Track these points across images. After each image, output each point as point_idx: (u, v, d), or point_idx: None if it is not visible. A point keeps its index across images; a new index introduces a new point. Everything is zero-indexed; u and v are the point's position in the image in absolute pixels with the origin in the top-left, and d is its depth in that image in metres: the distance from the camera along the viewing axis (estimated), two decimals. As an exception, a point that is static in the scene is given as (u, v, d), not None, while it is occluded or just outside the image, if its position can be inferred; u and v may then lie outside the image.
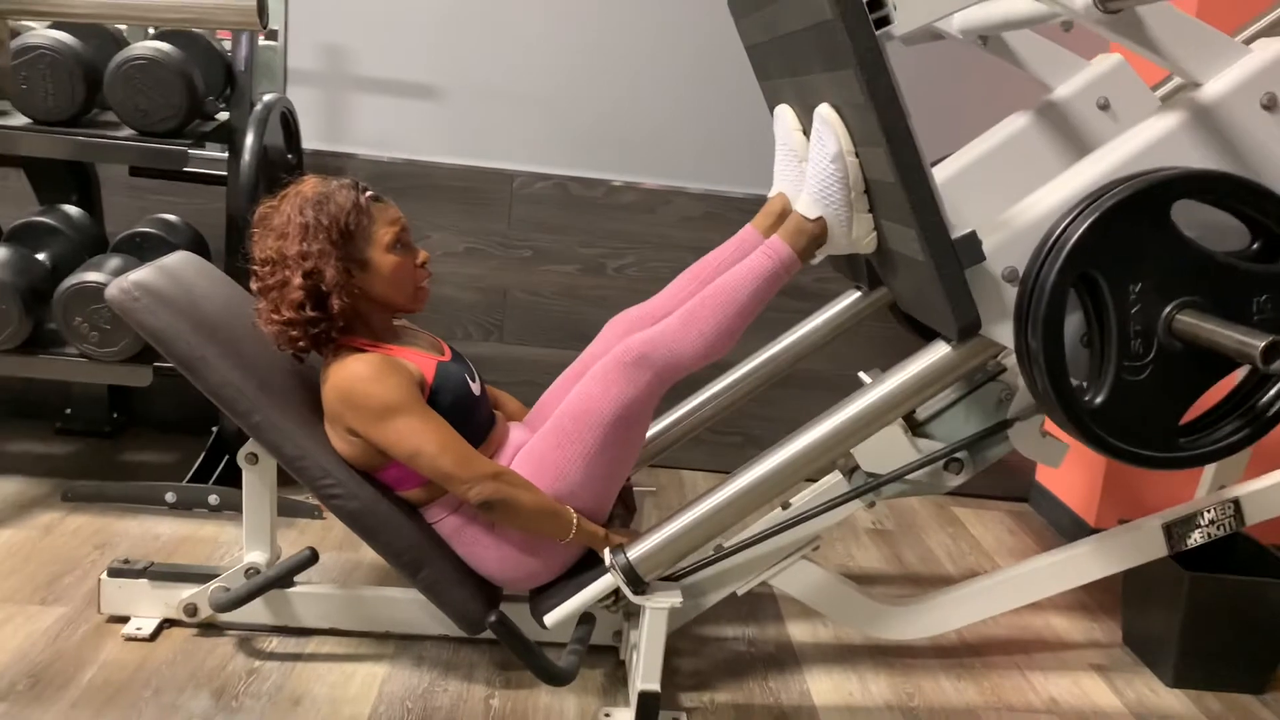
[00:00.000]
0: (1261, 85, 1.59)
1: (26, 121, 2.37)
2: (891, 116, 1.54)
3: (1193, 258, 1.56)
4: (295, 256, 1.72)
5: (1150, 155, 1.61)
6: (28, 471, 2.61)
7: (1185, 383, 1.60)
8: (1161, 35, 1.59)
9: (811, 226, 1.78)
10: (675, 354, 1.77)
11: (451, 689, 1.88)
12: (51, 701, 1.72)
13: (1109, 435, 1.59)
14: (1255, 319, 1.58)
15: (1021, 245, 1.60)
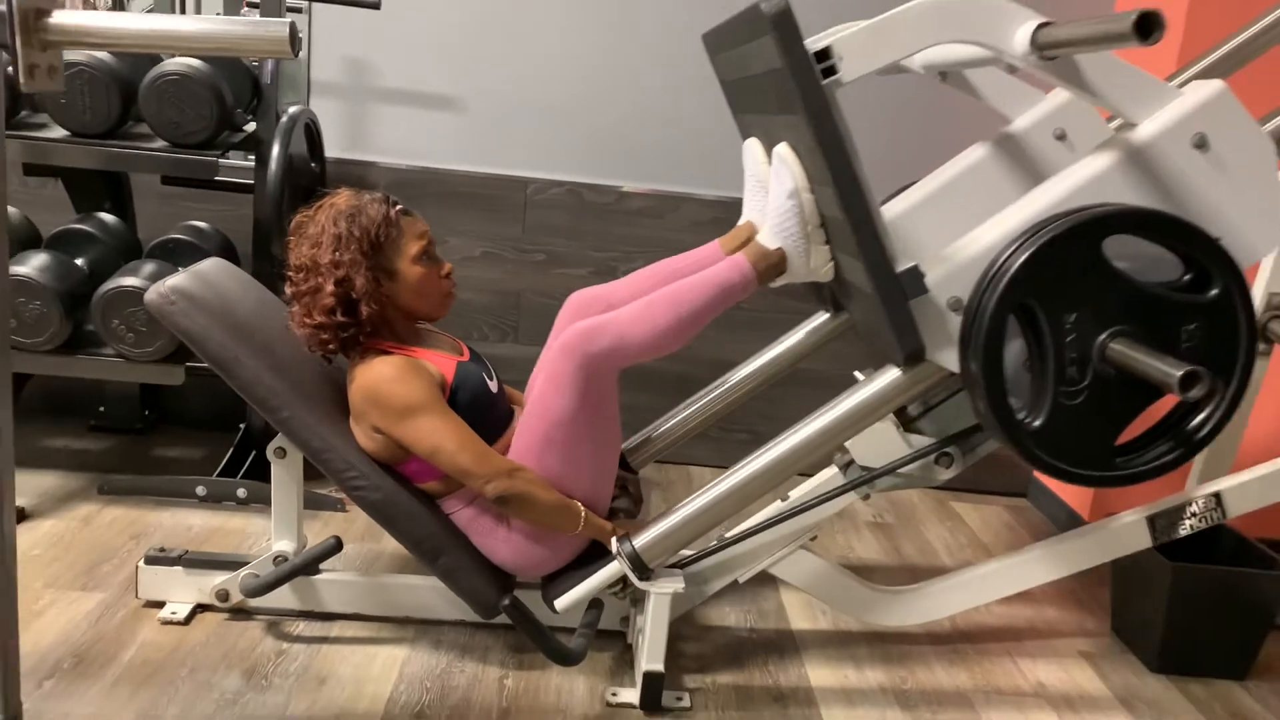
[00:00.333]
0: (1192, 126, 1.67)
1: (65, 133, 2.50)
2: (837, 160, 1.63)
3: (1125, 289, 1.64)
4: (328, 265, 1.83)
5: (1087, 192, 1.69)
6: (65, 466, 2.74)
7: (1120, 407, 1.68)
8: (1097, 80, 1.66)
9: (772, 255, 1.87)
10: (624, 341, 1.82)
11: (468, 670, 1.99)
12: (95, 678, 1.84)
13: (1047, 455, 1.68)
14: (1184, 346, 1.66)
15: (966, 276, 1.68)
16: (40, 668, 1.85)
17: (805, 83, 1.61)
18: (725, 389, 2.31)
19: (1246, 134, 1.69)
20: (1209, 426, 1.71)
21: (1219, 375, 1.69)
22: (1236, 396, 1.71)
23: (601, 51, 3.02)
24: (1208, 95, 1.67)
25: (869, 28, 1.65)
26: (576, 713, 1.88)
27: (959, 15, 1.65)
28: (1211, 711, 2.10)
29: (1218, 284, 1.65)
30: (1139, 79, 1.69)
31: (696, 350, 2.95)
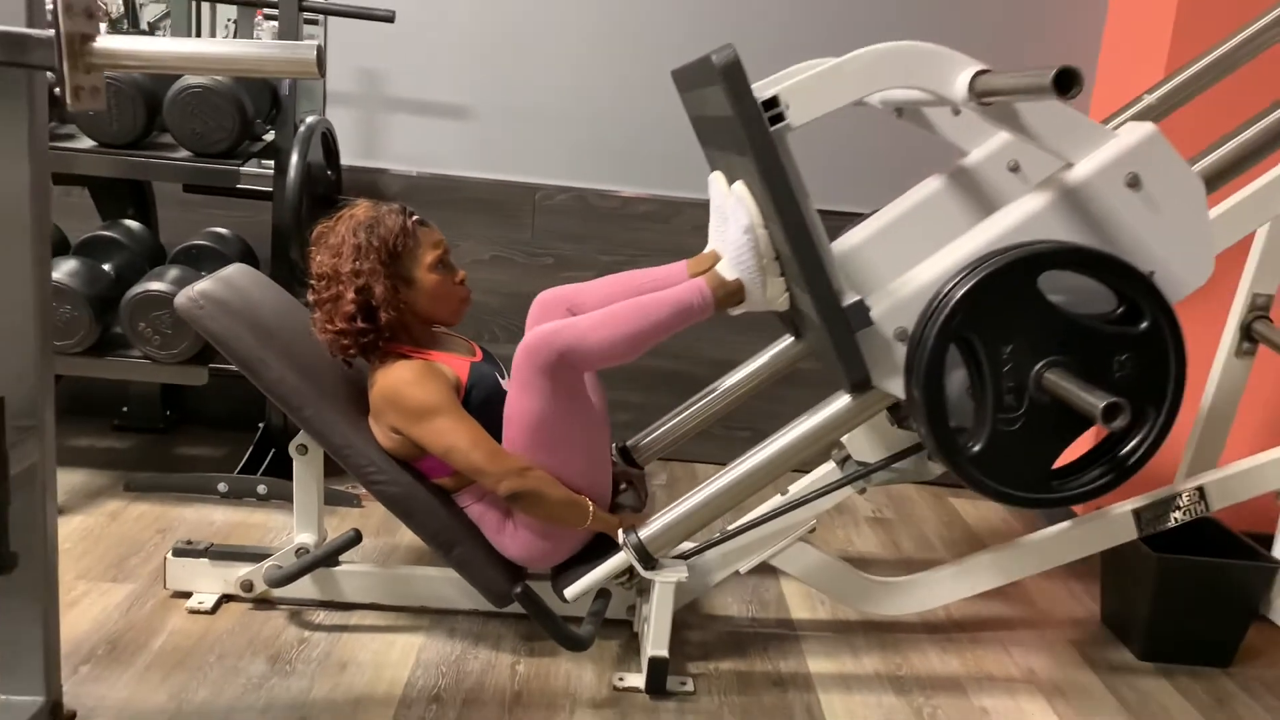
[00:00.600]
0: (1125, 166, 1.75)
1: (92, 144, 2.60)
2: (784, 201, 1.71)
3: (1060, 322, 1.72)
4: (348, 274, 1.93)
5: (1025, 229, 1.77)
6: (91, 464, 2.84)
7: (1055, 433, 1.76)
8: (1034, 123, 1.74)
9: (730, 284, 1.96)
10: (580, 347, 1.89)
11: (481, 656, 2.08)
12: (128, 664, 1.94)
13: (985, 478, 1.77)
14: (1116, 376, 1.75)
15: (910, 308, 1.77)
16: (76, 654, 1.95)
17: (753, 130, 1.68)
18: (727, 388, 2.39)
19: (1177, 174, 1.78)
20: (1140, 453, 1.80)
21: (1150, 404, 1.78)
22: (1167, 424, 1.79)
23: (606, 63, 3.11)
24: (1140, 137, 1.76)
25: (816, 76, 1.72)
26: (585, 697, 1.98)
27: (903, 63, 1.72)
28: (1196, 698, 2.18)
29: (1148, 317, 1.74)
30: (1074, 121, 1.76)
31: (700, 350, 3.07)
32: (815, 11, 3.10)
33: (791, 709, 2.00)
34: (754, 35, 3.08)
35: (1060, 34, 3.14)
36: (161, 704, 1.83)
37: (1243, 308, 2.50)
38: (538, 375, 1.90)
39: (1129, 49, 2.98)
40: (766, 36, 3.09)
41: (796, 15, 3.11)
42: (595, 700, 1.97)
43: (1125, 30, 3.02)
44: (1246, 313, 2.50)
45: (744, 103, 1.68)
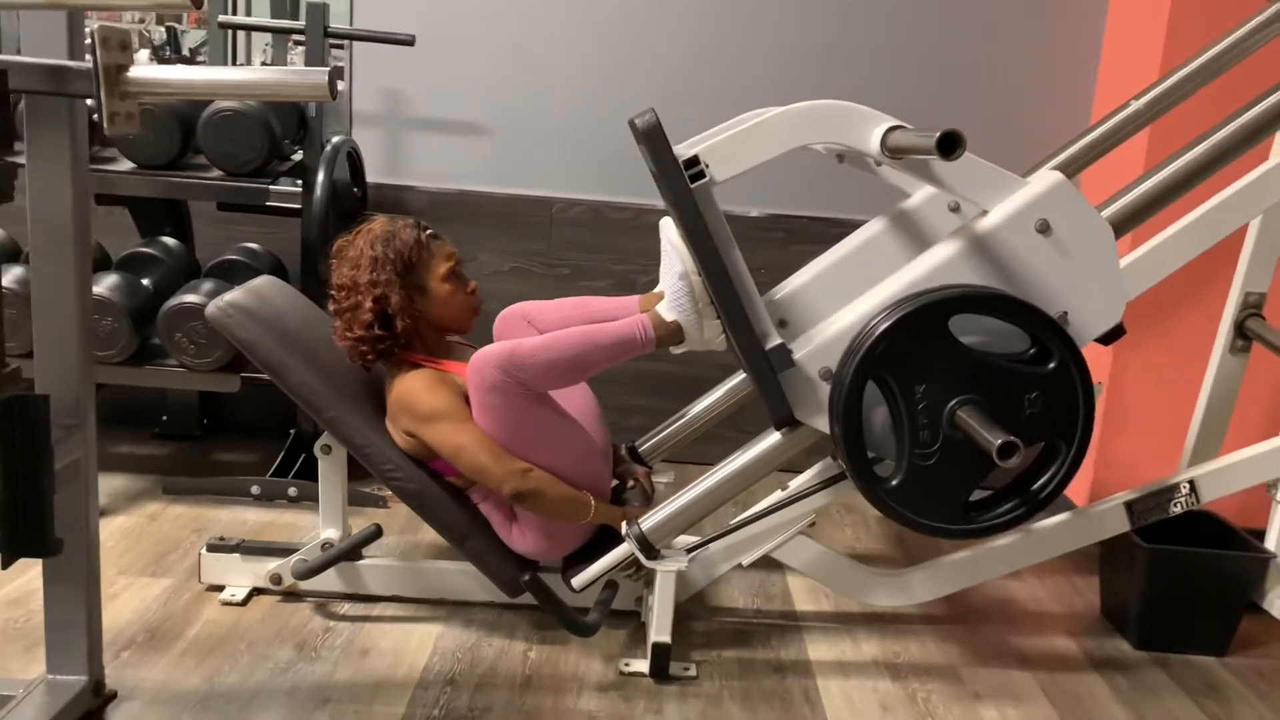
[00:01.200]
0: (1035, 213, 1.86)
1: (131, 166, 2.76)
2: (704, 253, 1.82)
3: (971, 362, 1.81)
4: (366, 285, 2.06)
5: (941, 274, 1.87)
6: (132, 469, 2.99)
7: (969, 467, 1.85)
8: (947, 173, 1.84)
9: (669, 325, 2.06)
10: (522, 369, 1.98)
11: (496, 644, 2.19)
12: (166, 650, 2.08)
13: (906, 510, 1.87)
14: (1027, 413, 1.83)
15: (834, 348, 1.87)
16: (117, 641, 2.08)
17: (673, 188, 1.79)
18: (730, 388, 2.49)
19: (1086, 219, 1.88)
20: (1052, 486, 1.90)
21: (1061, 439, 1.87)
22: (1077, 458, 1.88)
23: (616, 80, 3.23)
24: (1048, 185, 1.86)
25: (734, 136, 1.84)
26: (592, 681, 2.08)
27: (821, 121, 1.84)
28: (1188, 684, 2.25)
29: (1056, 357, 1.83)
30: (984, 171, 1.87)
31: (706, 354, 3.15)
32: (819, 29, 3.21)
33: (790, 693, 2.09)
34: (758, 58, 3.19)
35: (1064, 35, 3.22)
36: (195, 686, 1.96)
37: (1236, 306, 2.57)
38: (487, 393, 2.00)
39: (1128, 52, 3.05)
40: (769, 57, 3.20)
41: (804, 34, 3.21)
42: (602, 684, 2.07)
43: (1124, 34, 3.09)
44: (1240, 310, 2.57)
45: (663, 162, 1.80)
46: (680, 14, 3.20)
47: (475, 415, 2.04)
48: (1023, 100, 3.25)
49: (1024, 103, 3.25)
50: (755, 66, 3.22)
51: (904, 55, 3.22)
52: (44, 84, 1.56)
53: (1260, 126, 2.03)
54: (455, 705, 1.96)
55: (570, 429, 2.13)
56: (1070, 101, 3.23)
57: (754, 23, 3.21)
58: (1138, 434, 2.95)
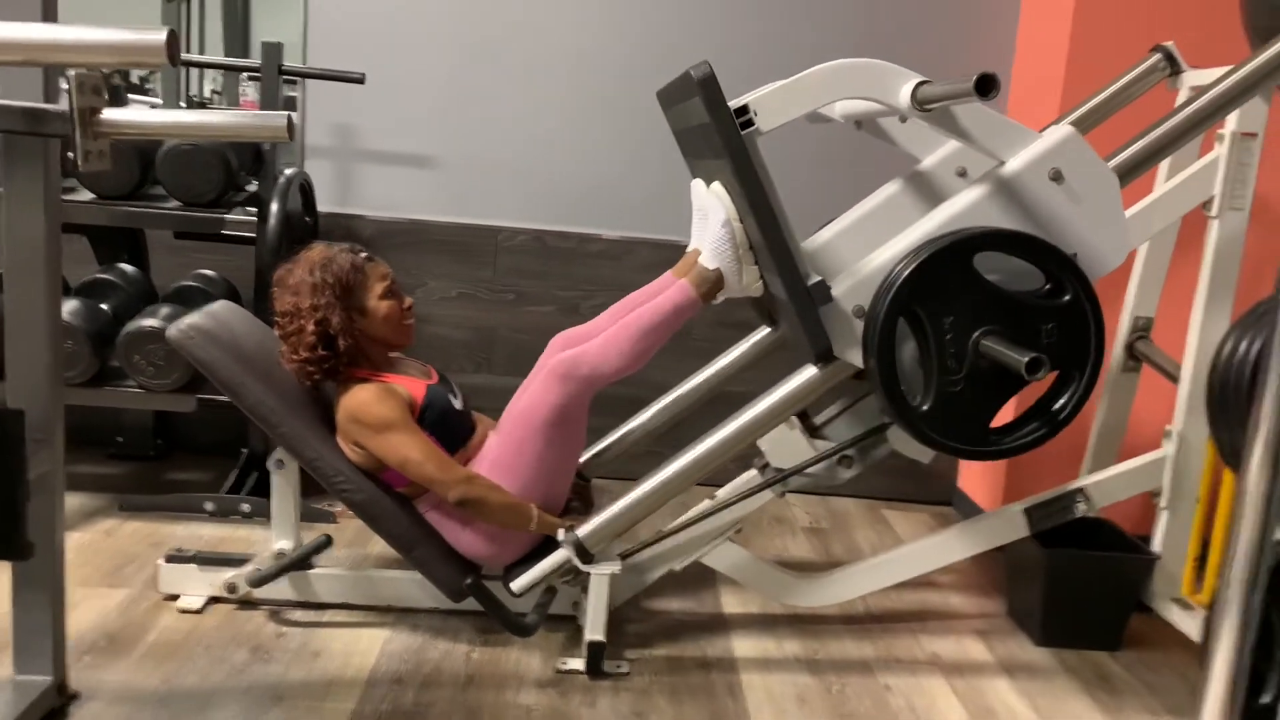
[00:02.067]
0: (1048, 162, 2.08)
1: (91, 196, 2.88)
2: (755, 197, 2.02)
3: (994, 296, 2.02)
4: (308, 309, 2.21)
5: (964, 217, 2.08)
6: (89, 488, 3.09)
7: (993, 392, 2.05)
8: (971, 126, 2.07)
9: (711, 274, 2.25)
10: (597, 367, 2.22)
11: (441, 646, 2.33)
12: (125, 655, 2.19)
13: (934, 433, 2.05)
14: (1045, 342, 2.04)
15: (867, 288, 2.07)
16: (79, 646, 2.19)
17: (728, 134, 1.99)
18: (665, 407, 2.67)
19: (1094, 169, 2.09)
20: (1069, 408, 2.09)
21: (1075, 366, 2.07)
22: (1090, 382, 2.08)
23: (562, 114, 3.41)
24: (1060, 137, 2.08)
25: (782, 87, 2.04)
26: (531, 678, 2.23)
27: (856, 76, 2.05)
28: (1082, 676, 2.44)
29: (1069, 291, 2.04)
30: (1005, 125, 2.09)
31: (647, 375, 3.31)
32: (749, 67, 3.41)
33: (714, 687, 2.25)
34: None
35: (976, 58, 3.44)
36: (154, 687, 2.08)
37: (1126, 329, 2.80)
38: (562, 394, 2.22)
39: (1033, 85, 3.29)
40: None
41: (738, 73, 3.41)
42: (540, 681, 2.22)
43: (1030, 68, 3.33)
44: (1130, 333, 2.79)
45: (719, 111, 1.99)
46: (618, 50, 3.39)
47: (537, 397, 2.23)
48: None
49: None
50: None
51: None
52: (21, 125, 1.70)
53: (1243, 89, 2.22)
54: (402, 701, 2.10)
55: (579, 446, 2.35)
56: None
57: (693, 39, 3.39)
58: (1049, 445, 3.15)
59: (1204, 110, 2.22)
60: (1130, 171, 2.22)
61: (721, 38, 3.38)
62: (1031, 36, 3.32)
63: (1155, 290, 2.77)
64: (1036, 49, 3.28)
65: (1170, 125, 2.23)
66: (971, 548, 2.53)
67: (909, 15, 3.42)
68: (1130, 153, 2.22)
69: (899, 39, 3.41)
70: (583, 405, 2.27)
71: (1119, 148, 2.24)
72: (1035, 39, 3.29)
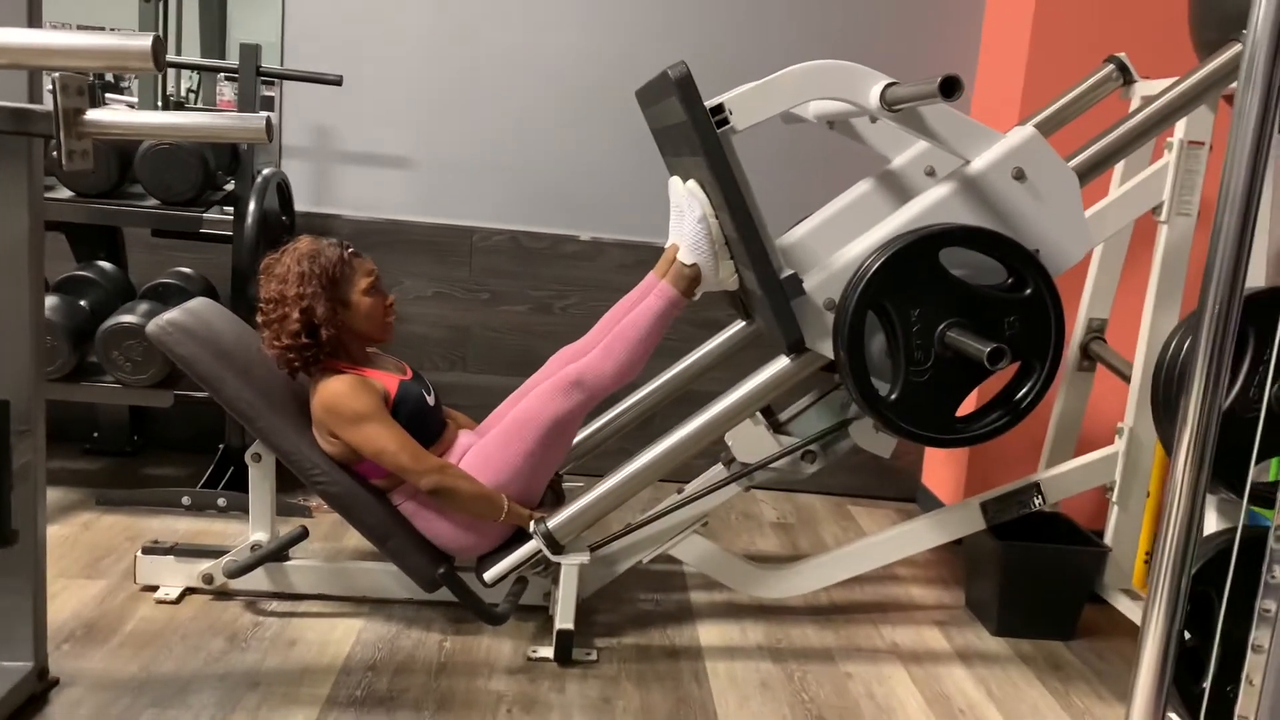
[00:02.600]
0: (1011, 161, 2.16)
1: (70, 194, 2.92)
2: (730, 193, 2.09)
3: (959, 289, 2.09)
4: (294, 297, 2.26)
5: (931, 214, 2.16)
6: (65, 483, 3.12)
7: (957, 382, 2.13)
8: (937, 126, 2.15)
9: (689, 270, 2.32)
10: (599, 379, 2.31)
11: (414, 635, 2.39)
12: (103, 643, 2.24)
13: (901, 422, 2.13)
14: (1007, 334, 2.12)
15: (838, 281, 2.15)
16: (57, 635, 2.23)
17: (704, 133, 2.07)
18: (633, 404, 2.74)
19: (1055, 168, 2.18)
20: (1030, 397, 2.17)
21: (1036, 357, 2.15)
22: (1051, 372, 2.16)
23: (536, 116, 3.47)
24: (1023, 138, 2.17)
25: (755, 87, 2.12)
26: (501, 666, 2.29)
27: (828, 77, 2.14)
28: (1036, 664, 2.53)
29: (1030, 285, 2.11)
30: (969, 126, 2.17)
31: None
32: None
33: (680, 673, 2.32)
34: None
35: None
36: (133, 674, 2.12)
37: (1081, 330, 2.89)
38: (562, 403, 2.31)
39: (995, 91, 3.39)
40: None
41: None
42: (511, 668, 2.28)
43: (992, 75, 3.43)
44: (1085, 334, 2.89)
45: (695, 110, 2.06)
46: (593, 53, 3.46)
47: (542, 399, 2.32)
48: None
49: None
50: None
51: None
52: (7, 124, 1.75)
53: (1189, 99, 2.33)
54: (376, 687, 2.16)
55: (566, 447, 2.42)
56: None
57: (665, 43, 3.45)
58: (1009, 440, 3.24)
59: (1154, 116, 2.32)
60: (1088, 172, 2.30)
61: (697, 38, 3.45)
62: (994, 45, 3.42)
63: (1109, 293, 2.86)
64: (999, 57, 3.37)
65: (1125, 129, 2.32)
66: (930, 540, 2.61)
67: (880, 19, 3.51)
68: (1089, 154, 2.31)
69: (872, 40, 3.50)
70: (582, 414, 2.35)
71: (1076, 150, 2.33)
72: (997, 48, 3.39)
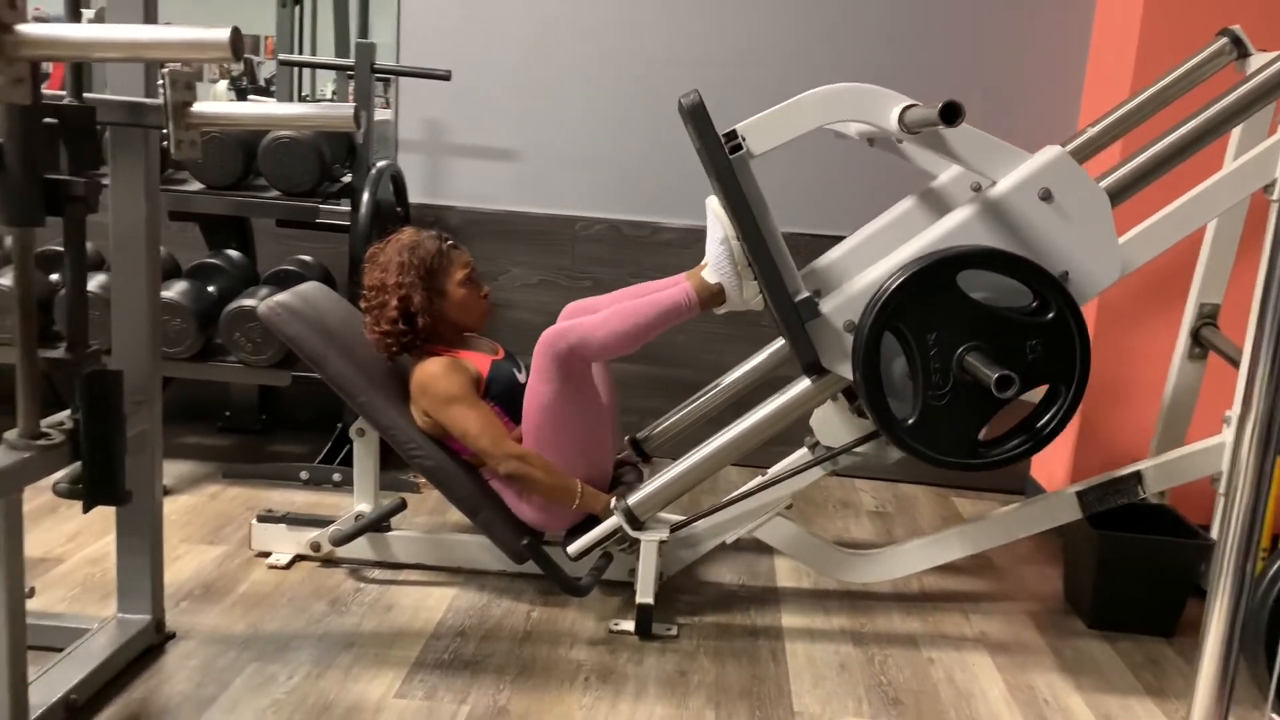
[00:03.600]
0: (1038, 182, 2.10)
1: (201, 187, 3.14)
2: (743, 219, 2.09)
3: (978, 312, 2.05)
4: (393, 286, 2.39)
5: (954, 236, 2.11)
6: (197, 458, 3.35)
7: (978, 407, 2.08)
8: (960, 147, 2.10)
9: (711, 287, 2.34)
10: (585, 340, 2.30)
11: (503, 605, 2.49)
12: (217, 602, 2.41)
13: (919, 446, 2.10)
14: (1029, 358, 2.06)
15: (857, 303, 2.11)
16: (178, 594, 2.42)
17: (715, 160, 2.07)
18: (719, 390, 2.77)
19: (1084, 188, 2.11)
20: (1054, 424, 2.12)
21: (1061, 382, 2.09)
22: (1076, 399, 2.10)
23: (636, 108, 3.53)
24: (1050, 158, 2.10)
25: (772, 112, 2.11)
26: (584, 637, 2.36)
27: (846, 101, 2.11)
28: (1130, 658, 2.45)
29: (1054, 308, 2.06)
30: (994, 145, 2.11)
31: (703, 358, 3.41)
32: (823, 39, 3.48)
33: (758, 652, 2.35)
34: (766, 72, 3.47)
35: (1050, 46, 3.45)
36: (241, 631, 2.28)
37: (1192, 316, 2.78)
38: (550, 365, 2.32)
39: (1108, 67, 3.27)
40: (774, 72, 3.47)
41: (804, 51, 3.49)
42: (592, 639, 2.35)
43: (1105, 50, 3.31)
44: (1195, 320, 2.78)
45: (706, 137, 2.08)
46: (690, 43, 3.50)
47: (533, 383, 2.34)
48: (1013, 106, 3.48)
49: (1015, 109, 3.48)
50: (763, 80, 3.48)
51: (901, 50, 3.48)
52: (124, 117, 1.91)
53: (1233, 113, 2.25)
54: (462, 652, 2.26)
55: (600, 413, 2.44)
56: (1057, 111, 3.45)
57: (761, 37, 3.48)
58: (1119, 426, 3.14)
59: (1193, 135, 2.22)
60: (1122, 191, 2.22)
61: (792, 34, 3.46)
62: (1107, 17, 3.31)
63: (1223, 276, 2.74)
64: (1111, 31, 3.26)
65: (1162, 146, 2.22)
66: (1023, 529, 2.57)
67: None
68: (1121, 174, 2.23)
69: (986, 9, 3.44)
70: (582, 376, 2.34)
71: (1113, 166, 2.25)
72: (1110, 20, 3.28)
